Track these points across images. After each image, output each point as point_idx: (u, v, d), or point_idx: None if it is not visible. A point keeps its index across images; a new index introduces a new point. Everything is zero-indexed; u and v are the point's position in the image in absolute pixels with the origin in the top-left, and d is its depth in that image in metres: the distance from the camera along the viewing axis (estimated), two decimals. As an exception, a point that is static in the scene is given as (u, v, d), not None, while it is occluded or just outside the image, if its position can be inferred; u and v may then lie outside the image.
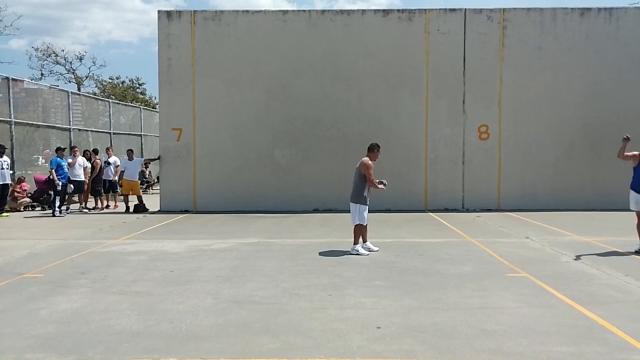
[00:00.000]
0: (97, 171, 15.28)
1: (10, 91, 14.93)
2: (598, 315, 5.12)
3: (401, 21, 14.28)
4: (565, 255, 8.10)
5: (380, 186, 8.28)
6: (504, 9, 14.28)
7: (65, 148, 14.60)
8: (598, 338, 4.54)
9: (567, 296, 5.78)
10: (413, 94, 14.33)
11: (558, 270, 7.07)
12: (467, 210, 14.11)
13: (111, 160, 15.65)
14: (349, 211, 8.63)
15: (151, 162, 18.88)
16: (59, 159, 13.64)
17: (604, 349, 4.29)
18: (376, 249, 8.44)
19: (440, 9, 14.31)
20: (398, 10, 14.45)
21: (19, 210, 14.44)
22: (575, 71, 14.28)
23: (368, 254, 8.16)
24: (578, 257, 7.84)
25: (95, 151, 16.00)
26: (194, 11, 14.40)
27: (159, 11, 14.45)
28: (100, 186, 15.35)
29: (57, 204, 13.38)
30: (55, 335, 4.62)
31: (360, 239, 8.36)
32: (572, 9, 14.31)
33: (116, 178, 15.58)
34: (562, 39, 14.27)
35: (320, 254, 8.26)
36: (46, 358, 4.14)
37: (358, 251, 8.19)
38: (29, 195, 14.96)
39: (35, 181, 15.18)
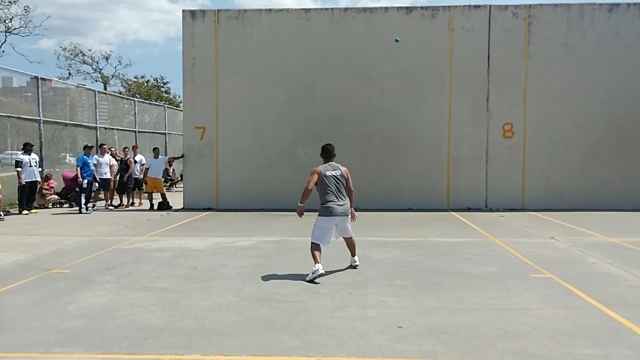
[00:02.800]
0: (132, 169, 15.48)
1: (39, 90, 15.28)
2: (625, 317, 5.01)
3: (424, 18, 14.17)
4: (592, 256, 7.94)
5: (300, 205, 6.89)
6: (529, 5, 14.05)
7: (92, 146, 14.87)
8: (625, 341, 4.45)
9: (593, 298, 5.67)
10: (436, 92, 14.20)
11: (584, 272, 6.94)
12: (491, 210, 13.94)
13: (137, 158, 15.87)
14: (370, 209, 8.62)
15: (175, 160, 19.11)
16: (85, 156, 13.90)
17: (631, 351, 4.21)
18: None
19: (464, 6, 14.15)
20: (421, 7, 14.34)
21: (47, 207, 14.78)
22: (603, 68, 13.97)
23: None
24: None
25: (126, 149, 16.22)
26: (218, 10, 14.52)
27: (183, 11, 14.63)
28: (131, 183, 15.60)
29: (83, 201, 13.64)
30: (82, 330, 4.72)
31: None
32: (600, 4, 14.00)
33: (142, 176, 15.81)
34: (590, 35, 13.98)
35: (341, 252, 8.23)
36: (73, 352, 4.23)
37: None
38: (56, 192, 15.29)
39: (63, 178, 15.51)
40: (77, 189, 14.09)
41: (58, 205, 15.22)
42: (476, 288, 6.12)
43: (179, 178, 22.02)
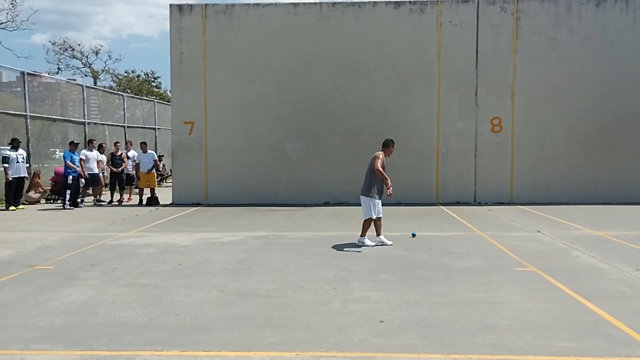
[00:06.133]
0: (126, 164, 15.39)
1: (26, 85, 15.14)
2: (605, 310, 5.05)
3: (413, 13, 14.15)
4: (576, 249, 8.00)
5: (388, 182, 8.17)
6: (517, 0, 14.06)
7: (79, 143, 14.79)
8: (603, 333, 4.48)
9: (575, 291, 5.72)
10: (425, 87, 14.22)
11: (567, 265, 6.99)
12: (479, 204, 14.00)
13: (130, 154, 15.82)
14: (359, 204, 8.60)
15: (163, 157, 18.97)
16: (70, 152, 13.79)
17: (607, 344, 4.24)
18: (390, 243, 8.33)
19: (452, 0, 14.13)
20: (410, 1, 14.28)
21: (39, 202, 14.71)
22: (590, 63, 14.03)
23: (374, 245, 8.20)
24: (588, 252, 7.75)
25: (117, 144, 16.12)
26: (205, 5, 14.43)
27: (170, 5, 14.53)
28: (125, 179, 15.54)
29: (67, 197, 13.57)
30: (62, 327, 4.70)
31: (368, 232, 8.34)
32: (587, -1, 14.04)
33: (134, 172, 15.77)
34: (577, 30, 14.02)
35: (328, 247, 8.27)
36: (52, 349, 4.21)
37: (364, 243, 8.26)
38: (51, 188, 15.17)
39: (55, 174, 15.36)
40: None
41: (51, 201, 15.09)
42: (459, 282, 6.15)
43: (169, 173, 21.92)
